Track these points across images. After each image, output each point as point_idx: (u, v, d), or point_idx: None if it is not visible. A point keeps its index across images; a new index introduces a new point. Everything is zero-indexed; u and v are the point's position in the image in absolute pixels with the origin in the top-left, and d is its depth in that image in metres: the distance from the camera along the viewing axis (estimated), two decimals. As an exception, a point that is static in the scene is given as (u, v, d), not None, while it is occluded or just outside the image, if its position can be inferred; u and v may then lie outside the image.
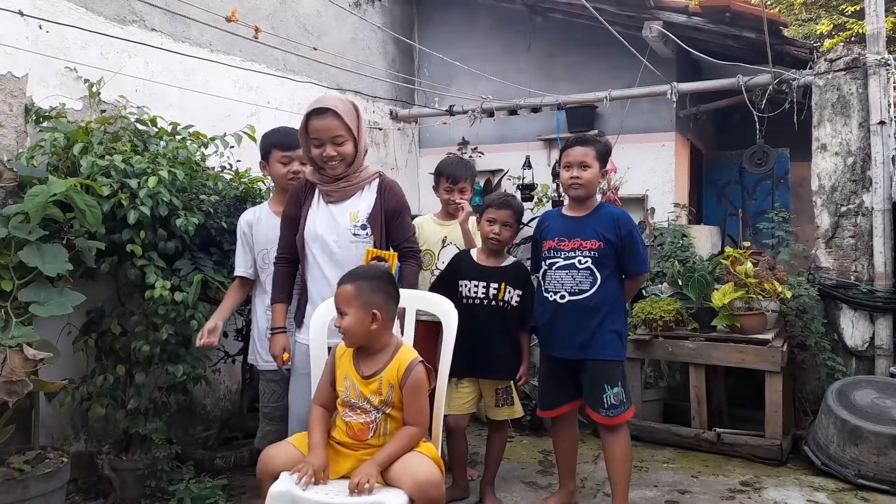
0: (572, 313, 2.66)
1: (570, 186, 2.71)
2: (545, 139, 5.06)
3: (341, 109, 2.27)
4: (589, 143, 2.71)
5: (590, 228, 2.68)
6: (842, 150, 3.89)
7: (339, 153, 2.29)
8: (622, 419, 2.66)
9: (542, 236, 2.83)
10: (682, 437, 3.73)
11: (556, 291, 2.70)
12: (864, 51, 3.83)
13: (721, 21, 4.26)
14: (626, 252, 2.67)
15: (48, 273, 2.36)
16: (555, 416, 2.84)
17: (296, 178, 2.57)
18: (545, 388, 2.88)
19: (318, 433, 2.00)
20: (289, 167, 2.60)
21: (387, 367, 2.00)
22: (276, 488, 1.88)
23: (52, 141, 2.65)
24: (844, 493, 3.12)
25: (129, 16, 3.31)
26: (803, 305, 3.80)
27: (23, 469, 2.37)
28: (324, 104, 2.28)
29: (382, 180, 2.41)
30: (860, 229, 3.83)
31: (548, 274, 2.74)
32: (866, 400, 3.35)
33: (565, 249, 2.70)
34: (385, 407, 1.98)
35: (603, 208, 2.76)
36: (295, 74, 4.36)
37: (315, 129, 2.27)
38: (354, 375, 2.02)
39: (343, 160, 2.30)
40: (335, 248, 2.31)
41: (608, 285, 2.66)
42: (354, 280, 2.02)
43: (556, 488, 2.98)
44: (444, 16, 5.55)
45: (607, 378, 2.64)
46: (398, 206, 2.39)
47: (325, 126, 2.26)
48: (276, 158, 2.60)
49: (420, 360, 2.04)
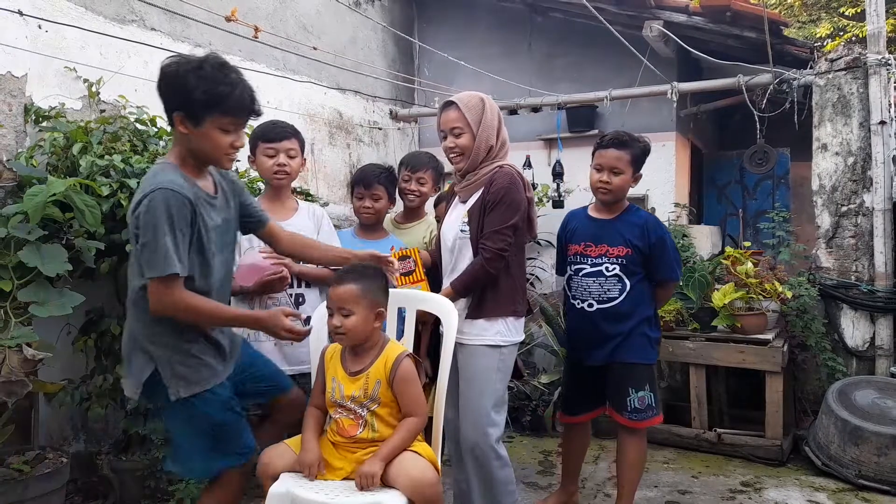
0: (601, 322, 2.58)
1: (598, 190, 2.61)
2: (545, 139, 5.06)
3: (464, 102, 2.36)
4: (625, 146, 2.55)
5: (617, 234, 2.59)
6: (842, 149, 3.89)
7: (457, 145, 2.35)
8: (645, 424, 2.60)
9: (567, 238, 2.75)
10: (683, 437, 3.72)
11: (583, 299, 2.62)
12: (865, 51, 3.83)
13: (722, 21, 4.25)
14: (655, 259, 2.58)
15: (47, 273, 2.35)
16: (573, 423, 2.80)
17: (281, 171, 2.50)
18: (569, 394, 2.83)
19: (310, 431, 2.01)
20: (274, 160, 2.51)
21: (374, 363, 2.00)
22: (276, 489, 1.88)
23: (51, 141, 2.64)
24: (845, 494, 3.12)
25: (129, 15, 3.30)
26: (804, 305, 3.80)
27: (22, 469, 2.37)
28: (452, 98, 2.39)
29: (496, 172, 2.36)
30: (861, 229, 3.83)
31: (574, 280, 2.66)
32: (867, 400, 3.34)
33: (592, 255, 2.61)
34: (371, 403, 1.97)
35: (631, 211, 2.66)
36: (295, 74, 4.36)
37: (442, 120, 2.41)
38: (341, 374, 2.02)
39: (461, 153, 2.36)
40: (452, 246, 2.40)
41: (638, 290, 2.58)
42: (358, 278, 1.99)
43: (556, 488, 2.98)
44: (444, 15, 5.55)
45: (633, 381, 2.58)
46: (493, 197, 2.31)
47: (447, 118, 2.38)
48: (262, 151, 2.53)
49: (408, 353, 2.04)
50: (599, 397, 2.72)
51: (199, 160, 1.87)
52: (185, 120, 1.77)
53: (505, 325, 2.34)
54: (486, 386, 2.30)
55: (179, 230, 1.74)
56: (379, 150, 5.23)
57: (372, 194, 2.79)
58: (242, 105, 1.79)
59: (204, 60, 1.76)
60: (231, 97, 1.76)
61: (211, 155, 1.84)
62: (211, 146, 1.80)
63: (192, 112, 1.75)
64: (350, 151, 4.90)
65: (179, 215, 1.74)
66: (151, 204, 1.72)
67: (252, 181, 3.25)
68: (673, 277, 2.66)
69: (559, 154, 4.77)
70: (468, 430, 2.30)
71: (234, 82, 1.77)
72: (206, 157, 1.86)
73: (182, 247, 1.75)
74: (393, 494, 1.83)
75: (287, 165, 2.51)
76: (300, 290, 2.55)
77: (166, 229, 1.71)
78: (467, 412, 2.31)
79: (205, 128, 1.77)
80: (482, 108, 2.36)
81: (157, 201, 1.72)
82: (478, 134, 2.34)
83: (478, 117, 2.34)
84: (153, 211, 1.71)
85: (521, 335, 2.42)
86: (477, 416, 2.29)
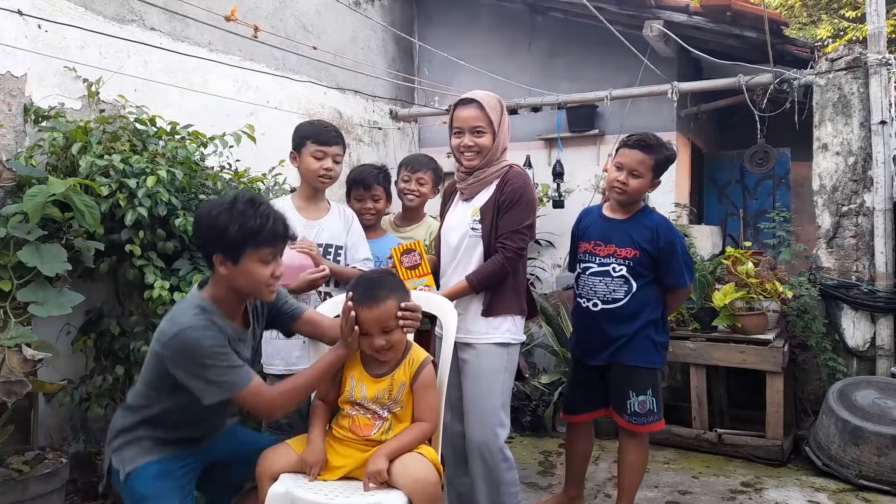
0: (605, 322, 2.57)
1: (613, 189, 2.57)
2: (545, 139, 5.05)
3: (486, 101, 2.33)
4: (650, 150, 2.50)
5: (626, 235, 2.56)
6: (843, 149, 3.88)
7: (477, 144, 2.33)
8: (645, 429, 2.57)
9: (579, 235, 2.74)
10: (683, 437, 3.72)
11: (588, 298, 2.61)
12: (865, 50, 3.82)
13: (722, 20, 4.24)
14: (663, 263, 2.54)
15: (47, 273, 2.35)
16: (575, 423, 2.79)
17: (327, 175, 2.51)
18: (571, 393, 2.82)
19: (317, 429, 2.00)
20: (321, 163, 2.49)
21: (399, 365, 1.99)
22: (276, 489, 1.87)
23: (50, 140, 2.64)
24: (845, 494, 3.11)
25: (129, 15, 3.30)
26: (804, 306, 3.80)
27: (22, 469, 2.36)
28: (470, 95, 2.36)
29: (508, 171, 2.37)
30: (861, 229, 3.82)
31: (581, 278, 2.65)
32: (867, 400, 3.34)
33: (600, 255, 2.59)
34: (394, 405, 1.97)
35: (644, 213, 2.63)
36: (294, 74, 4.35)
37: (459, 117, 2.36)
38: (362, 375, 2.01)
39: (479, 152, 2.34)
40: (458, 244, 2.37)
41: (645, 292, 2.54)
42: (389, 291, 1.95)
43: (557, 490, 2.97)
44: (444, 15, 5.54)
45: (633, 384, 2.55)
46: (510, 197, 2.31)
47: (468, 115, 2.34)
48: (310, 152, 2.50)
49: (431, 359, 2.04)
50: (601, 398, 2.70)
51: (241, 296, 1.91)
52: (225, 260, 1.81)
53: (513, 322, 2.34)
54: (495, 385, 2.30)
55: (230, 346, 1.82)
56: (379, 150, 5.22)
57: (372, 195, 2.84)
58: (276, 234, 1.84)
59: (234, 200, 1.82)
60: (265, 229, 1.80)
61: (253, 289, 1.87)
62: (252, 280, 1.84)
63: (231, 250, 1.79)
64: (350, 151, 4.89)
65: (222, 337, 1.81)
66: (195, 334, 1.75)
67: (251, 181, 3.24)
68: (681, 284, 2.59)
69: (559, 154, 4.76)
70: (476, 431, 2.28)
71: (265, 214, 1.82)
72: (248, 293, 1.90)
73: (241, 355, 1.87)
74: (394, 495, 1.82)
75: (332, 170, 2.53)
76: (328, 288, 2.56)
77: (224, 348, 1.79)
78: (475, 413, 2.29)
79: (244, 263, 1.81)
80: (501, 109, 2.38)
81: (198, 329, 1.76)
82: (498, 135, 2.35)
83: (499, 118, 2.35)
84: (203, 339, 1.75)
85: (524, 335, 2.43)
86: (485, 417, 2.28)
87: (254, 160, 3.37)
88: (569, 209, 4.61)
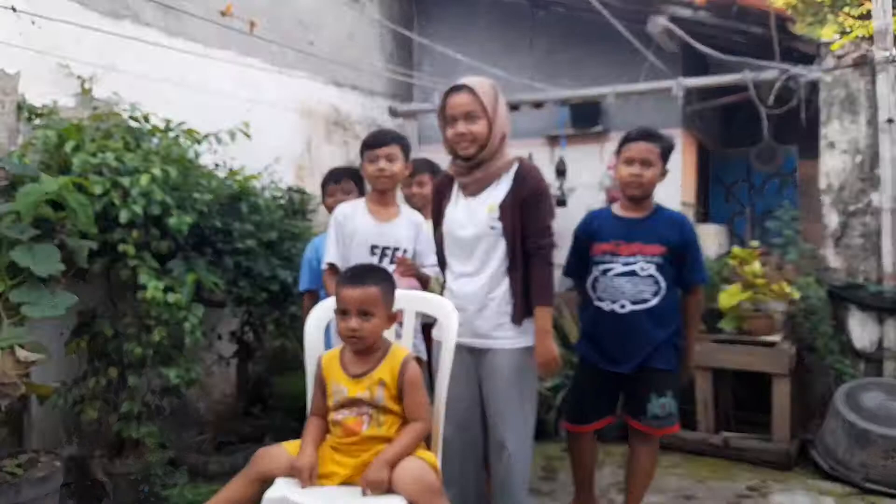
0: (640, 323, 2.46)
1: (629, 184, 2.49)
2: (548, 136, 5.00)
3: (477, 86, 2.22)
4: (654, 139, 2.49)
5: (651, 232, 2.49)
6: (850, 147, 3.83)
7: (471, 132, 2.19)
8: (664, 431, 2.52)
9: (591, 237, 2.60)
10: (688, 441, 3.66)
11: (614, 300, 2.48)
12: (872, 48, 3.77)
13: (727, 16, 4.19)
14: (688, 258, 2.49)
15: (40, 274, 2.31)
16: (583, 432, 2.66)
17: (381, 175, 2.52)
18: (580, 401, 2.67)
19: (309, 437, 1.97)
20: (375, 164, 2.53)
21: (379, 364, 1.96)
22: (272, 493, 1.84)
23: (44, 139, 2.60)
24: (852, 498, 3.07)
25: (123, 11, 3.25)
26: (811, 307, 3.73)
27: (15, 473, 2.32)
28: (461, 81, 2.25)
29: (521, 165, 2.28)
30: (869, 229, 3.78)
31: (601, 281, 2.52)
32: (875, 403, 3.29)
33: (623, 254, 2.49)
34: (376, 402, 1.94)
35: (662, 210, 2.58)
36: (291, 70, 4.30)
37: (450, 105, 2.22)
38: (342, 378, 1.98)
39: (474, 140, 2.20)
40: (473, 243, 2.26)
41: (671, 294, 2.49)
42: (377, 280, 1.96)
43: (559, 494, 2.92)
44: (444, 10, 5.48)
45: (658, 386, 2.48)
46: (532, 193, 2.21)
47: (459, 101, 2.21)
48: (366, 158, 2.57)
49: (414, 355, 2.02)
50: (611, 405, 2.62)
51: None
52: None
53: (531, 325, 2.25)
54: (527, 390, 2.25)
55: None
56: (379, 147, 5.17)
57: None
58: None
59: None
60: None
61: None
62: None
63: None
64: (348, 148, 4.85)
65: None
66: None
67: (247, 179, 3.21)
68: (704, 279, 2.60)
69: (562, 151, 4.71)
70: (510, 439, 2.22)
71: None
72: None
73: None
74: (395, 500, 1.79)
75: (386, 169, 2.52)
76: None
77: None
78: (507, 419, 2.23)
79: None
80: (495, 93, 2.25)
81: None
82: (494, 121, 2.22)
83: (493, 103, 2.22)
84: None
85: None
86: (517, 422, 2.23)
87: (249, 157, 3.33)
88: (571, 207, 4.56)
